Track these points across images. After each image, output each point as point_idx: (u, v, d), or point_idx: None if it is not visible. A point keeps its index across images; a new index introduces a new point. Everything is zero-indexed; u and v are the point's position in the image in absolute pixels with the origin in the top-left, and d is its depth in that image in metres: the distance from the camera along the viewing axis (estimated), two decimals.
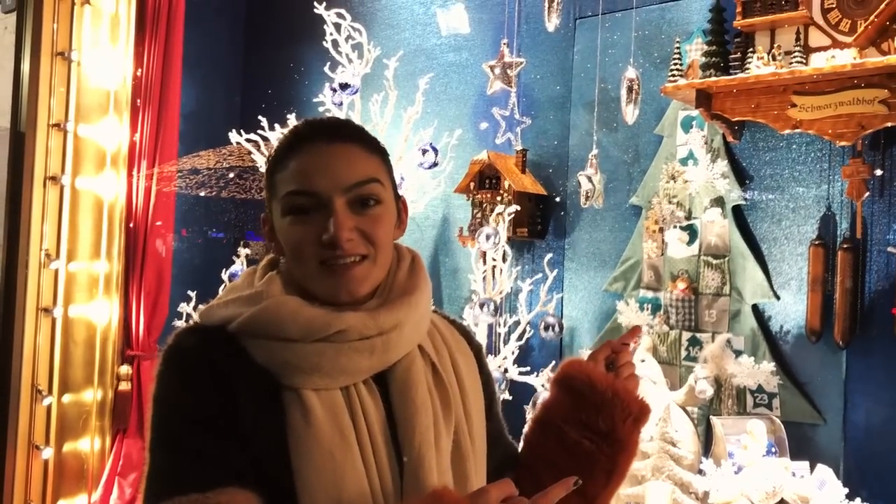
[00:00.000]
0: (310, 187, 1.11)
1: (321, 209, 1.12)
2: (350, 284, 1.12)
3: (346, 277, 1.12)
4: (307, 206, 1.12)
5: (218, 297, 1.21)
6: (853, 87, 2.50)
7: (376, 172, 1.16)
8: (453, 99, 3.76)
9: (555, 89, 3.46)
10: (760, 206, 2.91)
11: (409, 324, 1.16)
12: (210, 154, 3.90)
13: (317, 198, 1.11)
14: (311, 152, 1.14)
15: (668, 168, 3.01)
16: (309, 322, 1.09)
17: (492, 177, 3.36)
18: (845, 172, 2.65)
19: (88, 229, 3.74)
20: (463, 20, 3.73)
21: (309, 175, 1.12)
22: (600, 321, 3.27)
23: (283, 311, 1.10)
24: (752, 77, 2.60)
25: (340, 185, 1.12)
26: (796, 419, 2.76)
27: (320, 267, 1.12)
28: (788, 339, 2.84)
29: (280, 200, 1.14)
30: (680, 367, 3.00)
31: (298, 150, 1.14)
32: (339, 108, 3.44)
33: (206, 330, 1.15)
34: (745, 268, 2.88)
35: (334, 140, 1.15)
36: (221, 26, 4.60)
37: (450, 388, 1.18)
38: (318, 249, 1.11)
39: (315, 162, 1.13)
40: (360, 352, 1.10)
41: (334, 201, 1.11)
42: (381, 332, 1.12)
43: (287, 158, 1.15)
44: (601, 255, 3.29)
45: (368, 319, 1.11)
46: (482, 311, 2.95)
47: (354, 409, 1.09)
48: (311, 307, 1.11)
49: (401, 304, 1.16)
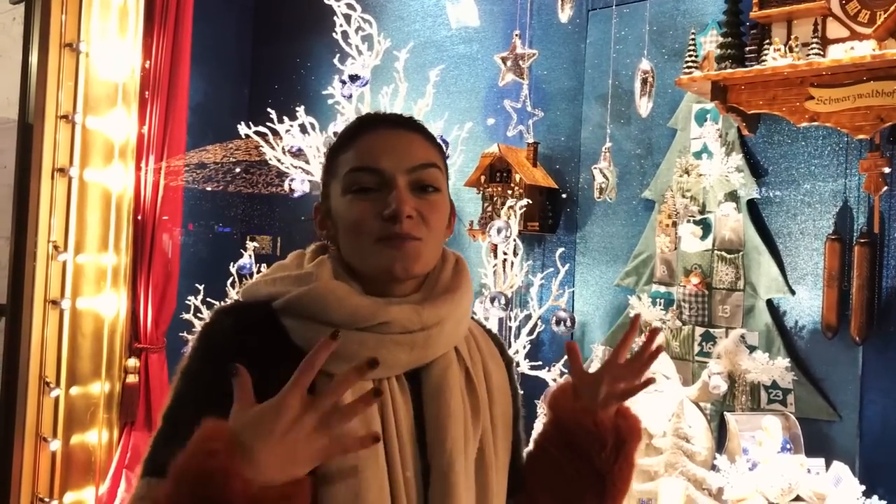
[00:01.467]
0: (374, 164, 1.13)
1: (383, 188, 1.13)
2: (406, 260, 1.12)
3: (403, 252, 1.12)
4: (369, 183, 1.13)
5: (263, 273, 1.23)
6: (872, 79, 2.46)
7: (436, 160, 1.19)
8: (464, 91, 3.73)
9: (567, 82, 3.43)
10: (776, 200, 2.87)
11: (450, 321, 1.15)
12: (217, 148, 3.89)
13: (380, 175, 1.13)
14: (377, 134, 1.16)
15: (682, 162, 2.98)
16: (355, 310, 1.09)
17: (502, 170, 3.34)
18: (863, 166, 2.62)
19: (96, 222, 3.73)
20: (472, 13, 3.69)
21: (373, 153, 1.14)
22: (612, 316, 3.24)
23: (331, 296, 1.10)
24: (769, 69, 2.56)
25: (403, 166, 1.14)
26: (811, 415, 2.73)
27: (377, 243, 1.12)
28: (803, 334, 2.81)
29: (342, 179, 1.15)
30: (693, 362, 2.97)
31: (363, 132, 1.17)
32: (348, 101, 3.42)
33: (244, 309, 1.15)
34: (759, 262, 2.84)
35: (398, 127, 1.18)
36: (230, 19, 4.58)
37: (480, 396, 1.17)
38: (377, 225, 1.11)
39: (380, 142, 1.15)
40: (400, 345, 1.10)
41: (397, 179, 1.13)
42: (423, 327, 1.12)
43: (351, 140, 1.17)
44: (613, 249, 3.26)
45: (413, 313, 1.11)
46: (493, 306, 2.93)
47: (385, 405, 1.08)
48: (358, 296, 1.12)
49: (444, 300, 1.16)
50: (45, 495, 3.56)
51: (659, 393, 2.75)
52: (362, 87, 3.36)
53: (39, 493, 3.55)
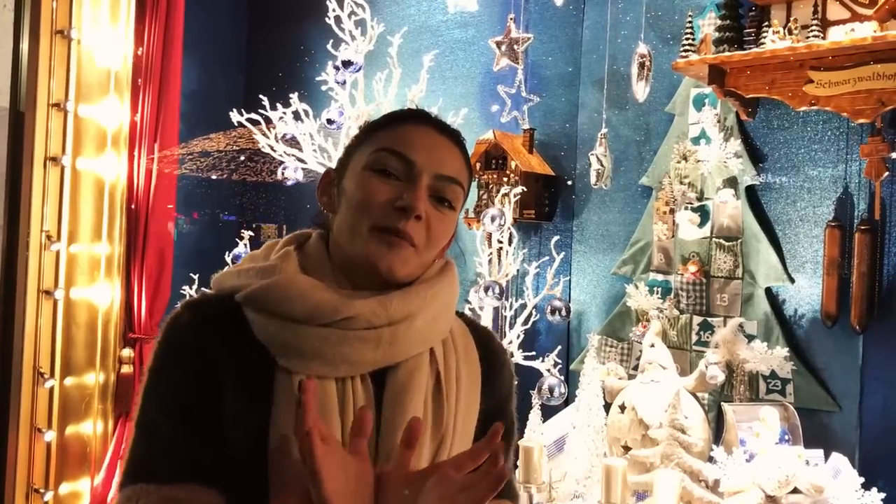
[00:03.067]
0: (408, 153, 1.11)
1: (406, 179, 1.10)
2: (394, 261, 1.08)
3: (394, 251, 1.08)
4: (395, 169, 1.10)
5: (238, 264, 1.20)
6: (874, 61, 2.40)
7: (464, 181, 1.17)
8: (459, 77, 3.67)
9: (564, 67, 3.37)
10: (775, 186, 2.81)
11: (422, 318, 1.10)
12: (221, 136, 3.84)
13: (409, 166, 1.10)
14: (421, 129, 1.15)
15: (680, 147, 2.92)
16: (318, 304, 1.05)
17: (498, 157, 3.28)
18: (863, 151, 2.56)
19: (89, 211, 3.69)
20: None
21: (412, 143, 1.12)
22: (609, 305, 3.19)
23: (294, 289, 1.06)
24: (768, 52, 2.50)
25: (434, 169, 1.11)
26: (810, 406, 2.68)
27: (373, 231, 1.08)
28: (803, 323, 2.75)
29: (370, 153, 1.12)
30: (691, 352, 2.92)
31: (409, 122, 1.16)
32: (342, 87, 3.36)
33: (207, 303, 1.12)
34: (758, 250, 2.79)
35: (444, 134, 1.17)
36: (225, 4, 4.51)
37: (446, 406, 1.11)
38: (382, 211, 1.08)
39: (422, 137, 1.13)
40: (365, 341, 1.05)
41: (423, 178, 1.10)
42: (390, 321, 1.07)
43: (395, 123, 1.15)
44: (610, 237, 3.21)
45: (378, 307, 1.07)
46: (487, 295, 2.88)
47: (346, 405, 1.04)
48: (322, 289, 1.07)
49: (416, 292, 1.11)
50: (41, 486, 3.54)
51: (655, 383, 2.71)
52: (356, 73, 3.30)
53: (35, 485, 3.53)
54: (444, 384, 1.12)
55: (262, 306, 1.06)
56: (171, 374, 1.05)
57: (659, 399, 2.64)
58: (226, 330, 1.06)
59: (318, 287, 1.07)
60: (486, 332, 1.29)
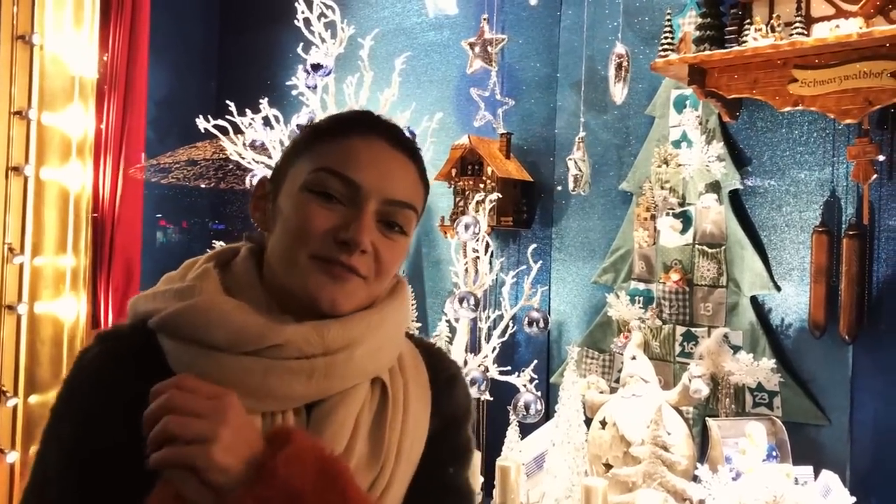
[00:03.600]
0: (353, 175, 0.98)
1: (349, 204, 0.97)
2: (338, 294, 0.96)
3: (339, 284, 0.96)
4: (337, 193, 0.98)
5: (156, 286, 1.06)
6: (859, 59, 2.29)
7: (418, 203, 1.06)
8: (435, 81, 3.56)
9: (541, 69, 3.25)
10: (759, 190, 2.70)
11: (365, 346, 0.98)
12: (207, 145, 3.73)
13: (353, 190, 0.97)
14: (371, 144, 1.01)
15: (661, 151, 2.81)
16: (241, 330, 0.92)
17: (474, 162, 3.17)
18: (851, 153, 2.44)
19: (54, 222, 3.56)
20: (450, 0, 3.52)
21: (360, 163, 0.99)
22: (590, 315, 3.07)
23: (213, 313, 0.93)
24: (749, 50, 2.39)
25: (384, 193, 0.99)
26: (799, 420, 2.57)
27: (311, 260, 0.96)
28: (790, 333, 2.64)
29: (310, 171, 0.99)
30: (674, 363, 2.80)
31: (358, 133, 1.01)
32: (313, 92, 3.25)
33: (118, 333, 0.99)
34: (742, 257, 2.67)
35: (398, 148, 1.03)
36: (195, 7, 4.40)
37: (386, 442, 0.98)
38: (322, 240, 0.96)
39: (371, 155, 1.00)
40: (295, 374, 0.92)
41: (369, 204, 0.97)
42: (326, 351, 0.94)
43: (343, 134, 1.01)
44: (590, 244, 3.09)
45: (313, 334, 0.94)
46: (462, 306, 2.76)
47: None
48: (248, 312, 0.94)
49: (359, 319, 0.98)
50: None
51: (637, 398, 2.59)
52: (325, 77, 3.19)
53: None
54: (387, 420, 1.00)
55: (177, 332, 0.94)
56: (72, 418, 0.94)
57: (641, 414, 2.53)
58: (140, 362, 0.94)
59: (243, 310, 0.95)
60: (436, 351, 1.17)
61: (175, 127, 4.04)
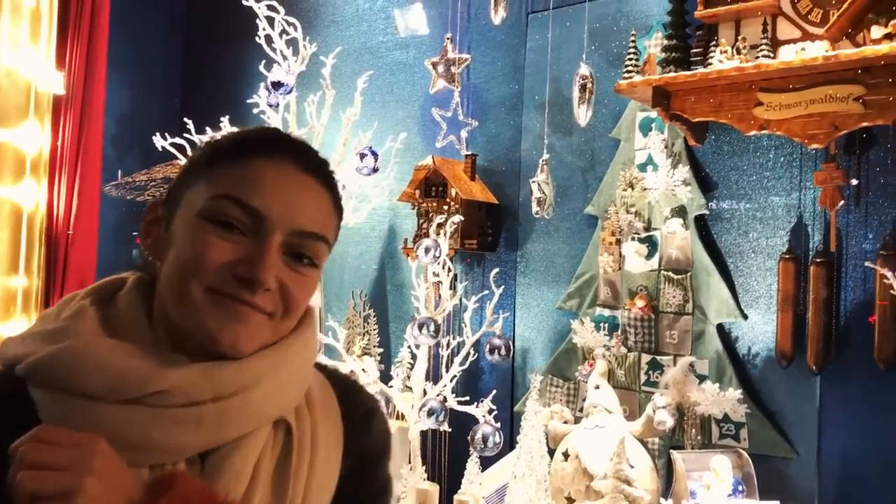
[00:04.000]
0: (257, 204, 0.87)
1: (252, 235, 0.87)
2: (239, 334, 0.86)
3: (240, 322, 0.86)
4: (238, 222, 0.87)
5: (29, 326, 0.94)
6: (825, 82, 2.24)
7: (330, 233, 0.94)
8: (400, 100, 3.48)
9: (507, 90, 3.19)
10: (725, 215, 2.64)
11: (262, 389, 0.87)
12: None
13: (256, 220, 0.87)
14: (278, 168, 0.90)
15: (626, 175, 2.75)
16: (119, 375, 0.82)
17: (438, 184, 3.09)
18: (818, 179, 2.39)
19: (5, 241, 3.44)
20: (422, 20, 3.46)
21: (262, 190, 0.88)
22: (554, 342, 2.99)
23: (89, 356, 0.83)
24: (714, 72, 2.33)
25: (291, 224, 0.89)
26: (766, 452, 2.49)
27: (207, 294, 0.85)
28: (757, 362, 2.57)
29: (209, 197, 0.88)
30: (639, 392, 2.72)
31: (263, 156, 0.90)
32: (274, 110, 3.17)
33: None
34: (709, 284, 2.61)
35: (309, 172, 0.93)
36: (159, 23, 4.31)
37: (290, 488, 0.89)
38: (219, 276, 0.85)
39: (278, 180, 0.89)
40: (182, 423, 0.82)
41: (274, 236, 0.87)
42: (216, 396, 0.84)
43: (245, 155, 0.90)
44: (555, 268, 3.01)
45: (201, 378, 0.84)
46: (422, 333, 2.67)
47: None
48: (127, 355, 0.84)
49: (257, 360, 0.88)
50: None
51: (600, 429, 2.51)
52: (286, 95, 3.11)
53: None
54: (292, 467, 0.89)
55: (47, 381, 0.83)
56: None
57: (604, 446, 2.44)
58: (6, 416, 0.83)
59: (122, 352, 0.84)
60: (351, 384, 1.06)
61: (136, 144, 3.94)
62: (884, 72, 2.15)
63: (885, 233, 2.38)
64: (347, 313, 3.41)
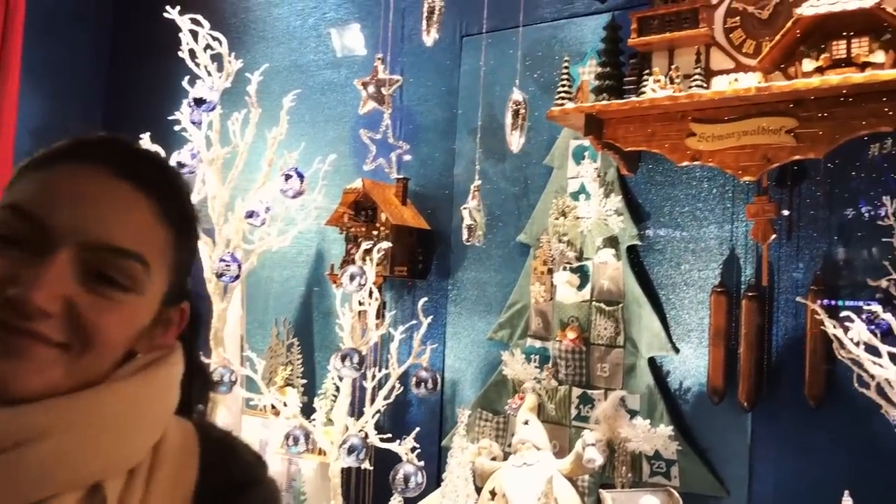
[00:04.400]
0: (39, 213, 0.74)
1: (35, 251, 0.72)
2: (15, 371, 0.70)
3: (14, 359, 0.71)
4: (18, 235, 0.73)
5: None
6: (758, 114, 2.21)
7: (149, 250, 0.78)
8: (330, 120, 3.37)
9: (440, 113, 3.11)
10: (658, 247, 2.59)
11: (53, 443, 0.71)
12: None
13: (40, 233, 0.73)
14: (81, 174, 0.77)
15: (559, 203, 2.68)
16: None
17: (368, 208, 2.98)
18: (750, 212, 2.36)
19: None
20: (359, 42, 3.36)
21: (53, 198, 0.74)
22: (485, 373, 2.89)
23: None
24: (647, 101, 2.29)
25: (83, 236, 0.74)
26: (697, 490, 2.43)
27: None
28: (688, 398, 2.51)
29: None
30: (570, 427, 2.64)
31: (70, 162, 0.78)
32: (197, 128, 3.02)
33: None
34: (640, 316, 2.55)
35: (125, 177, 0.78)
36: (81, 33, 4.11)
37: None
38: None
39: (76, 188, 0.76)
40: None
41: (60, 252, 0.72)
42: (15, 443, 0.69)
43: (50, 163, 0.78)
44: (486, 298, 2.92)
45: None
46: (345, 364, 2.54)
47: None
48: None
49: (49, 405, 0.72)
50: None
51: (529, 466, 2.41)
52: (210, 112, 2.97)
53: None
54: None
55: None
56: None
57: (532, 485, 2.35)
58: None
59: None
60: (231, 447, 0.89)
61: None
62: (815, 105, 2.12)
63: (816, 267, 2.35)
64: (270, 342, 3.26)
